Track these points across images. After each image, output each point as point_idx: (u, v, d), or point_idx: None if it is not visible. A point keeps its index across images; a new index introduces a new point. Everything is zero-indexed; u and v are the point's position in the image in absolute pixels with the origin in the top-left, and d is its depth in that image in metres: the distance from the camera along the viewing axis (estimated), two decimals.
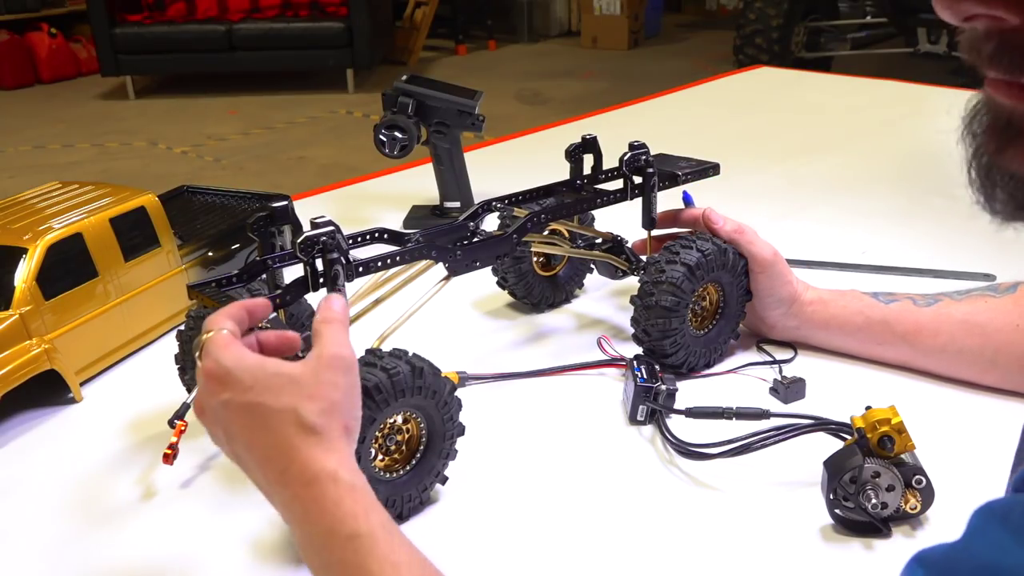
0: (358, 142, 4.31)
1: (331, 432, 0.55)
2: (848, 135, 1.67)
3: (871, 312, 0.86)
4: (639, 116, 1.86)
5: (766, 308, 0.88)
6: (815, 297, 0.88)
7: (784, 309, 0.88)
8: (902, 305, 0.85)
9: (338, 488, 0.53)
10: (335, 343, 0.58)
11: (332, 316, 0.60)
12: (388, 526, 0.53)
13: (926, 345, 0.83)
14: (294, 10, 5.70)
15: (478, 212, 0.88)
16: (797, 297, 0.88)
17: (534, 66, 6.29)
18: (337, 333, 0.59)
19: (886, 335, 0.85)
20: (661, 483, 0.73)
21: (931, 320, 0.83)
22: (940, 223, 1.21)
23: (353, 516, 0.52)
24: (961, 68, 0.41)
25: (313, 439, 0.54)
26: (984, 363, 0.81)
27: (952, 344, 0.82)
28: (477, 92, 1.24)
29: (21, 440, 0.82)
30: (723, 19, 7.47)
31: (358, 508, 0.53)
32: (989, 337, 0.80)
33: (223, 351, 0.57)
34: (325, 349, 0.57)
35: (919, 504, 0.65)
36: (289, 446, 0.54)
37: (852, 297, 0.88)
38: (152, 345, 0.96)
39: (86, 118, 5.21)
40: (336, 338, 0.58)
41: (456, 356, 0.90)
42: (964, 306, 0.83)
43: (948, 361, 0.83)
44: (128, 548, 0.68)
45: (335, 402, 0.56)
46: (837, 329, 0.87)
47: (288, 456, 0.54)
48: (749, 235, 0.87)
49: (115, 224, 0.90)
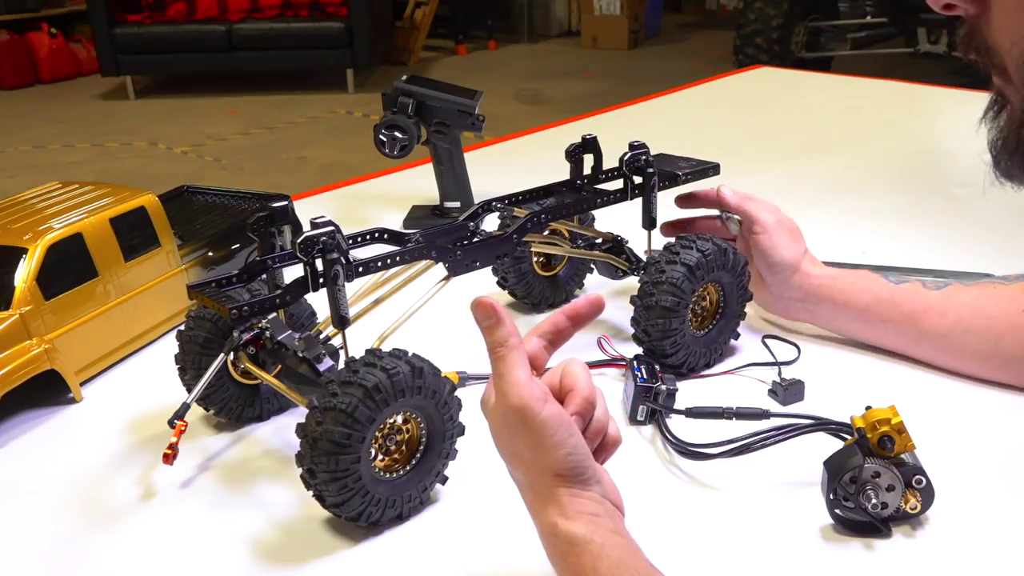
0: (358, 142, 4.31)
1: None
2: (848, 135, 1.67)
3: (879, 290, 0.87)
4: (639, 116, 1.86)
5: (767, 273, 0.90)
6: (824, 272, 0.89)
7: (785, 276, 0.89)
8: (911, 286, 0.86)
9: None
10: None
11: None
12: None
13: (932, 325, 0.84)
14: (294, 10, 5.69)
15: (478, 212, 0.88)
16: (800, 266, 0.89)
17: (534, 66, 6.29)
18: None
19: (893, 313, 0.85)
20: (661, 483, 0.73)
21: (940, 301, 0.84)
22: (940, 223, 1.22)
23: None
24: (961, 68, 0.46)
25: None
26: (988, 347, 0.81)
27: (958, 325, 0.82)
28: (477, 92, 1.24)
29: (21, 440, 0.82)
30: (723, 19, 7.47)
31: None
32: (995, 321, 0.81)
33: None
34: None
35: (919, 504, 0.65)
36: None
37: (862, 276, 0.89)
38: (152, 345, 0.96)
39: (86, 118, 5.21)
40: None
41: (456, 356, 0.90)
42: (973, 291, 0.84)
43: (952, 344, 0.83)
44: (128, 548, 0.68)
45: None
46: (844, 304, 0.88)
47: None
48: (752, 203, 0.90)
49: (115, 224, 0.90)
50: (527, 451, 0.54)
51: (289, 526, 0.70)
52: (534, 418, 0.53)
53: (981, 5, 0.45)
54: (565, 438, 0.54)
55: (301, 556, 0.67)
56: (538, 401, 0.53)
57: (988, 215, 1.17)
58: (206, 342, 0.78)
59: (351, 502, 0.65)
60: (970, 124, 0.57)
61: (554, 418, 0.54)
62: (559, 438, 0.53)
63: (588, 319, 0.60)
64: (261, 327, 0.77)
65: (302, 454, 0.65)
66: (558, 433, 0.53)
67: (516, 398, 0.54)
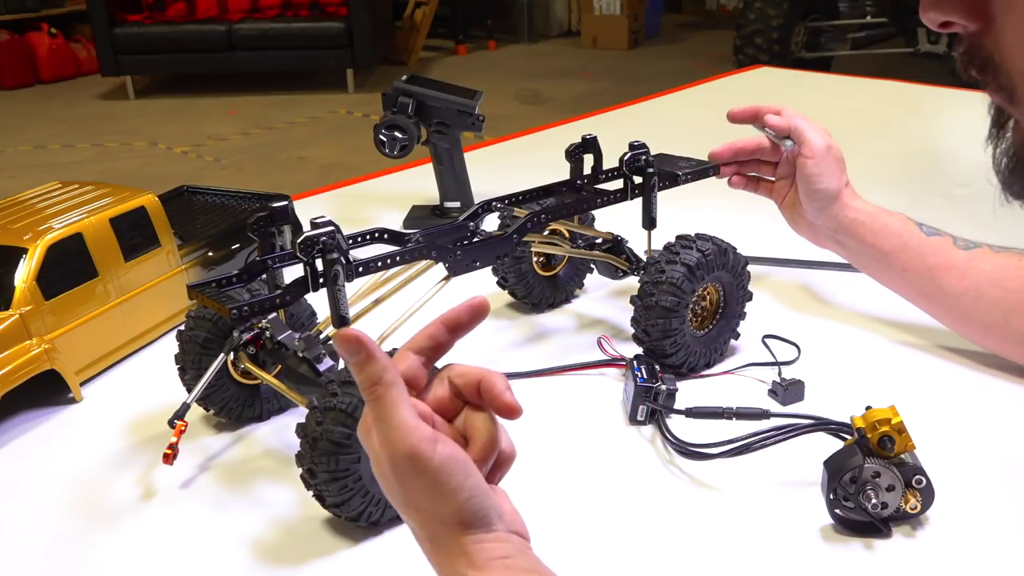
0: (358, 142, 4.31)
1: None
2: (848, 135, 1.66)
3: (909, 238, 0.88)
4: (639, 116, 1.86)
5: (806, 198, 0.91)
6: (861, 207, 0.91)
7: (823, 204, 0.90)
8: (941, 240, 0.87)
9: None
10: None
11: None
12: None
13: (950, 285, 0.85)
14: (294, 10, 5.69)
15: (478, 212, 0.88)
16: (840, 197, 0.90)
17: (534, 66, 6.29)
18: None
19: (915, 263, 0.87)
20: (661, 483, 0.73)
21: (962, 262, 0.85)
22: (940, 223, 1.21)
23: None
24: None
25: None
26: (996, 318, 0.82)
27: (974, 291, 0.83)
28: (477, 92, 1.24)
29: (21, 440, 0.82)
30: (723, 19, 7.47)
31: None
32: (1009, 294, 0.82)
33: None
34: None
35: (919, 504, 0.65)
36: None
37: (898, 218, 0.90)
38: (152, 345, 0.96)
39: (86, 118, 5.21)
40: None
41: (456, 356, 0.90)
42: (998, 259, 0.84)
43: (963, 307, 0.84)
44: (128, 548, 0.68)
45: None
46: (871, 244, 0.89)
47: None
48: (806, 123, 0.91)
49: (115, 224, 0.90)
50: (423, 500, 0.48)
51: (289, 526, 0.70)
52: (427, 464, 0.47)
53: (983, 21, 0.41)
54: (462, 480, 0.48)
55: (301, 556, 0.67)
56: (428, 444, 0.47)
57: (988, 215, 1.17)
58: (206, 342, 0.78)
59: (351, 502, 0.65)
60: (970, 124, 0.57)
61: (448, 461, 0.48)
62: (456, 482, 0.47)
63: (470, 327, 0.54)
64: (261, 327, 0.77)
65: (302, 454, 0.65)
66: (454, 477, 0.47)
67: (404, 445, 0.47)
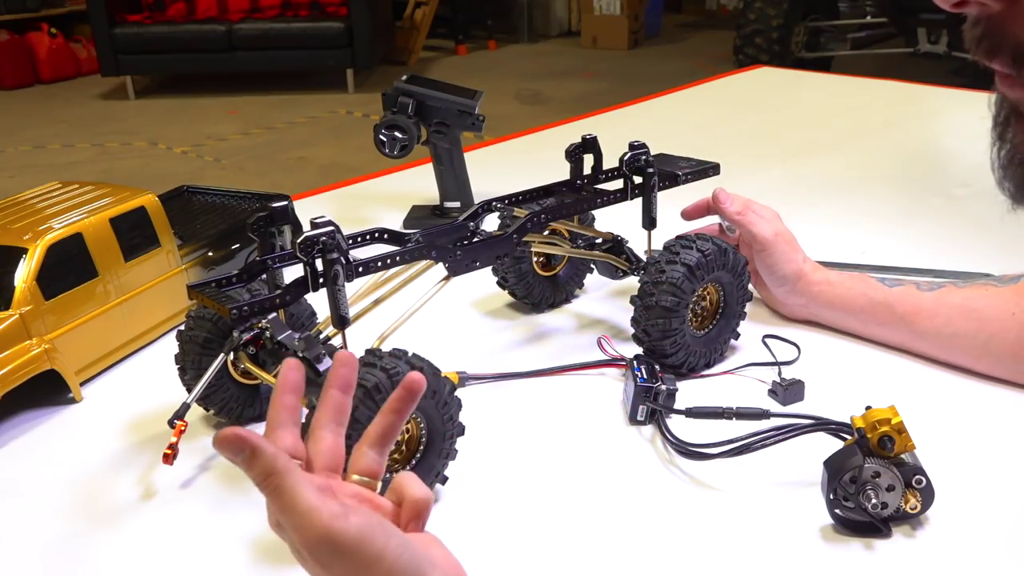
0: (358, 142, 4.31)
1: None
2: (848, 135, 1.67)
3: (874, 294, 0.90)
4: (639, 116, 1.86)
5: (771, 285, 0.94)
6: (823, 278, 0.93)
7: (789, 287, 0.93)
8: (905, 289, 0.89)
9: None
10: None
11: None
12: None
13: (923, 326, 0.86)
14: (294, 10, 5.69)
15: (478, 212, 0.88)
16: (802, 276, 0.93)
17: (534, 66, 6.29)
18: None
19: (887, 316, 0.89)
20: (661, 483, 0.73)
21: (931, 303, 0.86)
22: (940, 223, 1.22)
23: None
24: (961, 68, 0.43)
25: None
26: (978, 348, 0.83)
27: (948, 326, 0.85)
28: (477, 92, 1.24)
29: (21, 440, 0.82)
30: (723, 19, 7.47)
31: None
32: (984, 323, 0.83)
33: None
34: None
35: (919, 504, 0.65)
36: None
37: (858, 279, 0.92)
38: (152, 345, 0.96)
39: (86, 118, 5.21)
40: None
41: (456, 356, 0.90)
42: (964, 292, 0.86)
43: (943, 343, 0.86)
44: (128, 548, 0.68)
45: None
46: (841, 308, 0.92)
47: None
48: (751, 216, 0.93)
49: (115, 224, 0.90)
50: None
51: None
52: (344, 541, 0.45)
53: (1007, 1, 0.40)
54: (384, 543, 0.46)
55: None
56: (340, 520, 0.45)
57: (988, 215, 1.17)
58: (206, 342, 0.78)
59: None
60: (970, 124, 0.57)
61: (365, 529, 0.46)
62: (378, 548, 0.46)
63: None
64: (261, 327, 0.77)
65: None
66: (375, 544, 0.46)
67: (315, 529, 0.45)
